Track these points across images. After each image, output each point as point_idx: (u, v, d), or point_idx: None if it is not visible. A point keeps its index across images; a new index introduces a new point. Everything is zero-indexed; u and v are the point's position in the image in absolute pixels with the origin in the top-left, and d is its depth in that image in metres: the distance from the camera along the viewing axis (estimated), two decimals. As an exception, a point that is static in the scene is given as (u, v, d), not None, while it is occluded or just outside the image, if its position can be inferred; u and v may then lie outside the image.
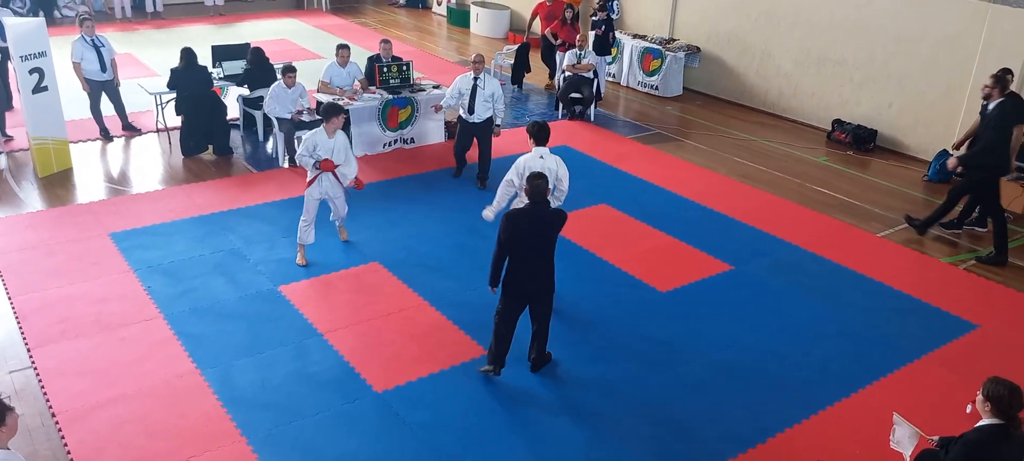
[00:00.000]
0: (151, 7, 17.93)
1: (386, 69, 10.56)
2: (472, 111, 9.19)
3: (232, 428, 5.41)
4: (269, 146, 10.55)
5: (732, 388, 6.11)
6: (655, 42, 14.08)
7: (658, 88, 13.95)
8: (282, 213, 8.49)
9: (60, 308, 6.67)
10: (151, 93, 10.59)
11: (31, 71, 8.94)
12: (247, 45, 11.20)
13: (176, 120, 10.34)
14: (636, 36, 14.52)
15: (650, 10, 14.91)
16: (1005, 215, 8.54)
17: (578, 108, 12.25)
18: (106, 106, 10.50)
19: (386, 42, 10.68)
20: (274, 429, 5.42)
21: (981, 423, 4.16)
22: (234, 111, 10.90)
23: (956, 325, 7.09)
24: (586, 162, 10.46)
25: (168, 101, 10.62)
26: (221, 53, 11.08)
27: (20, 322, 6.47)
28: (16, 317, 6.55)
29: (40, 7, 15.51)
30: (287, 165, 9.88)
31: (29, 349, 6.14)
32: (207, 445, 5.24)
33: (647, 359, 6.39)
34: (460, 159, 9.71)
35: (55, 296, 6.84)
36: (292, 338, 6.43)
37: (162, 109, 10.72)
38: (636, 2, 15.20)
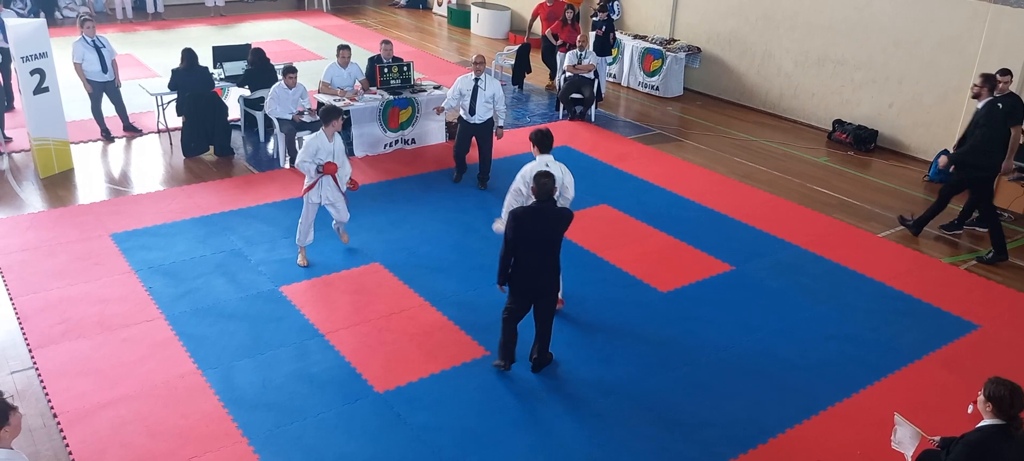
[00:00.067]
0: (152, 8, 17.97)
1: (387, 70, 10.57)
2: (473, 112, 9.20)
3: (233, 428, 5.41)
4: (270, 147, 10.55)
5: (733, 388, 6.11)
6: (656, 43, 14.08)
7: (659, 88, 13.96)
8: (283, 214, 8.50)
9: (61, 309, 6.68)
10: (152, 94, 10.61)
11: (32, 72, 8.95)
12: (248, 46, 11.21)
13: (177, 121, 10.36)
14: (637, 37, 14.53)
15: (651, 11, 14.92)
16: (1001, 214, 8.54)
17: (579, 108, 12.25)
18: (107, 107, 10.52)
19: (387, 43, 10.69)
20: (275, 429, 5.43)
21: (982, 423, 4.17)
22: (235, 112, 10.91)
23: (957, 325, 7.09)
24: (587, 162, 10.46)
25: (169, 102, 10.64)
26: (222, 54, 11.09)
27: (21, 323, 6.48)
28: (18, 318, 6.55)
29: (41, 8, 15.56)
30: (288, 166, 9.88)
31: (31, 350, 6.15)
32: (208, 445, 5.24)
33: (647, 359, 6.40)
34: (460, 162, 9.65)
35: (56, 297, 6.85)
36: (293, 338, 6.44)
37: (163, 110, 10.74)
38: (637, 3, 15.21)
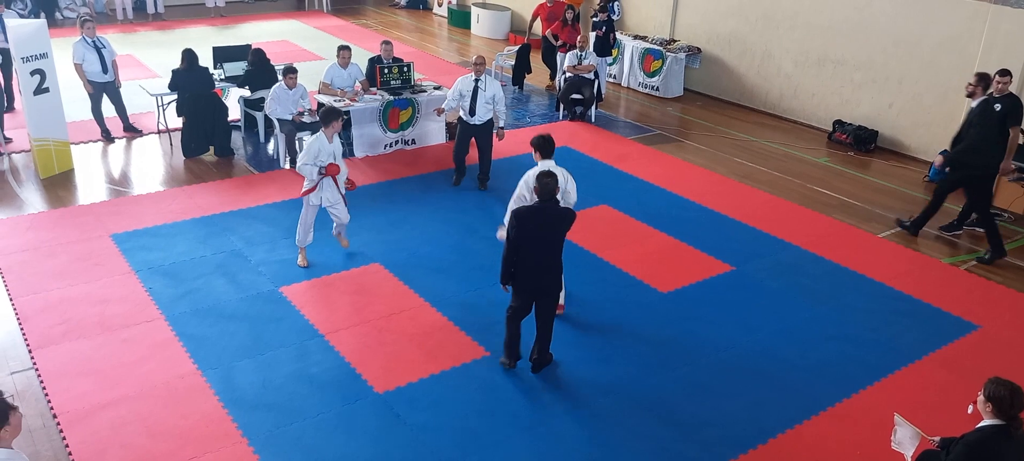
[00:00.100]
0: (152, 8, 17.97)
1: (387, 70, 10.58)
2: (473, 113, 9.19)
3: (233, 429, 5.41)
4: (270, 147, 10.55)
5: (733, 388, 6.11)
6: (656, 43, 14.08)
7: (659, 89, 13.96)
8: (283, 214, 8.50)
9: (61, 309, 6.68)
10: (152, 94, 10.61)
11: (33, 73, 8.96)
12: (248, 46, 11.22)
13: (177, 121, 10.36)
14: (637, 37, 14.53)
15: (651, 11, 14.92)
16: (1000, 214, 8.54)
17: (579, 109, 12.25)
18: (107, 107, 10.52)
19: (387, 43, 10.69)
20: (275, 430, 5.43)
21: (982, 424, 4.17)
22: (235, 112, 10.91)
23: (957, 326, 7.09)
24: (587, 163, 10.46)
25: (169, 102, 10.64)
26: (222, 54, 11.10)
27: (21, 323, 6.49)
28: (18, 318, 6.56)
29: (41, 9, 15.57)
30: (288, 166, 9.88)
31: (30, 350, 6.15)
32: (208, 446, 5.24)
33: (647, 360, 6.40)
34: (459, 165, 9.54)
35: (56, 297, 6.85)
36: (293, 339, 6.44)
37: (163, 110, 10.74)
38: (637, 3, 15.21)
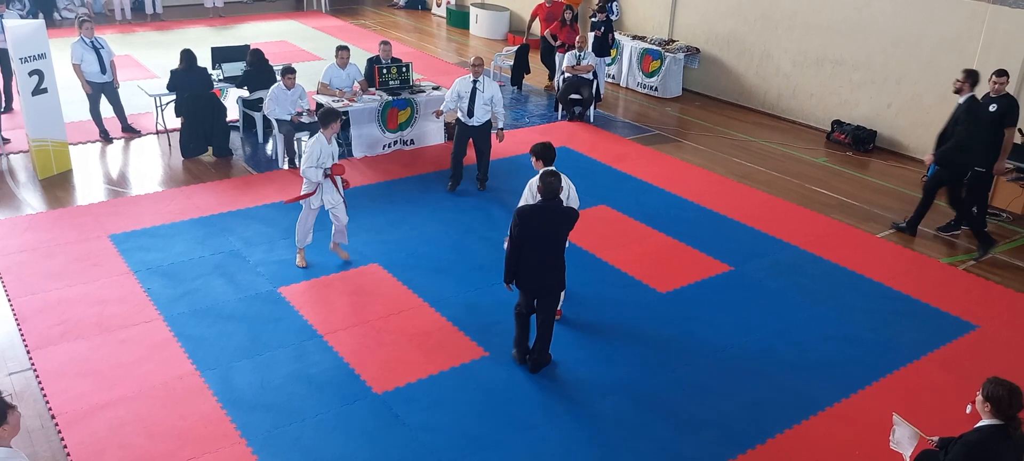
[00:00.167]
0: (151, 9, 17.96)
1: (386, 70, 10.57)
2: (471, 114, 9.17)
3: (232, 429, 5.41)
4: (269, 148, 10.55)
5: (732, 388, 6.11)
6: (654, 43, 14.09)
7: (657, 89, 13.96)
8: (282, 215, 8.49)
9: (60, 310, 6.67)
10: (151, 95, 10.60)
11: (31, 73, 8.95)
12: (247, 47, 11.21)
13: (176, 122, 10.36)
14: (635, 37, 14.53)
15: (649, 11, 14.92)
16: (999, 213, 8.58)
17: (577, 109, 12.25)
18: (105, 108, 10.51)
19: (385, 43, 10.69)
20: (274, 430, 5.43)
21: (981, 423, 4.17)
22: (234, 113, 10.90)
23: (955, 326, 7.09)
24: (586, 163, 10.46)
25: (168, 103, 10.63)
26: (221, 55, 11.09)
27: (20, 324, 6.48)
28: (16, 319, 6.55)
29: (40, 9, 15.55)
30: (287, 167, 9.88)
31: (29, 351, 6.14)
32: (207, 446, 5.24)
33: (646, 360, 6.40)
34: (456, 170, 9.38)
35: (55, 298, 6.84)
36: (292, 339, 6.43)
37: (162, 111, 10.73)
38: (635, 3, 15.21)
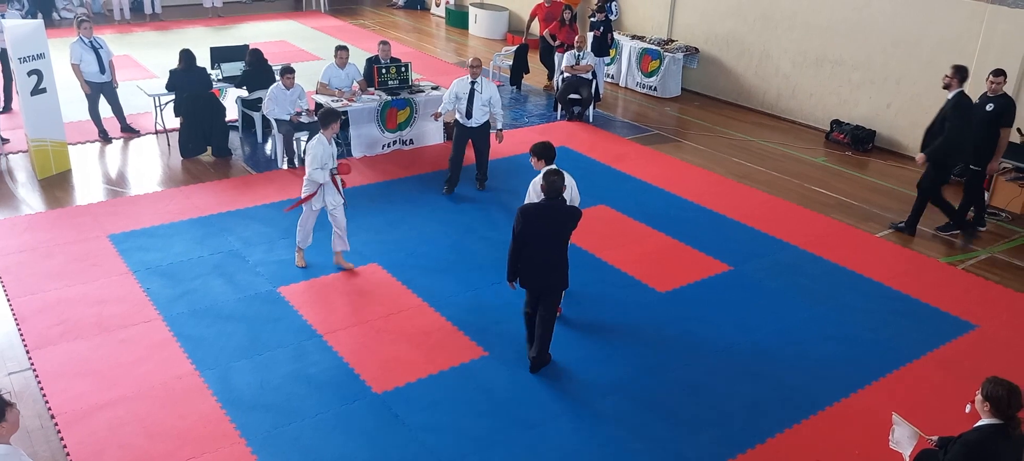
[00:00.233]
0: (150, 9, 17.95)
1: (385, 70, 10.57)
2: (470, 116, 9.15)
3: (231, 429, 5.41)
4: (268, 147, 10.54)
5: (731, 388, 6.11)
6: (653, 43, 14.09)
7: (656, 89, 13.96)
8: (281, 215, 8.48)
9: (59, 310, 6.67)
10: (150, 95, 10.59)
11: (30, 73, 8.94)
12: (246, 47, 11.20)
13: (175, 122, 10.35)
14: (634, 37, 14.53)
15: (648, 11, 14.92)
16: (997, 213, 8.76)
17: (577, 109, 12.25)
18: (104, 108, 10.51)
19: (384, 43, 10.69)
20: (273, 430, 5.42)
21: (980, 423, 4.17)
22: (233, 113, 10.90)
23: (955, 325, 7.09)
24: (585, 163, 10.46)
25: (167, 103, 10.63)
26: (220, 55, 11.08)
27: (19, 324, 6.47)
28: (15, 319, 6.54)
29: (38, 9, 15.53)
30: (286, 166, 9.88)
31: (28, 351, 6.14)
32: (206, 446, 5.24)
33: (646, 360, 6.40)
34: (454, 172, 9.25)
35: (54, 298, 6.84)
36: (291, 339, 6.43)
37: (161, 111, 10.73)
38: (635, 3, 15.21)
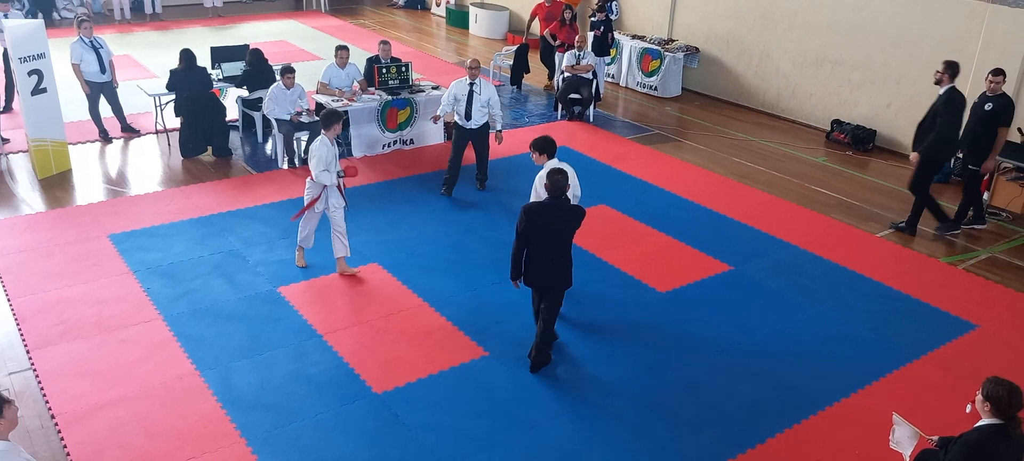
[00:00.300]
0: (150, 8, 17.96)
1: (385, 70, 10.57)
2: (469, 117, 9.12)
3: (231, 429, 5.41)
4: (268, 147, 10.54)
5: (731, 388, 6.11)
6: (654, 43, 14.08)
7: (657, 89, 13.95)
8: (281, 215, 8.49)
9: (59, 310, 6.67)
10: (150, 94, 10.59)
11: (30, 73, 8.94)
12: (246, 46, 11.20)
13: (175, 121, 10.36)
14: (635, 37, 14.53)
15: (649, 11, 14.92)
16: (998, 213, 8.82)
17: (577, 109, 12.25)
18: (104, 108, 10.51)
19: (385, 43, 10.69)
20: (273, 430, 5.42)
21: (980, 423, 4.17)
22: (233, 112, 10.90)
23: (955, 325, 7.09)
24: (585, 163, 10.45)
25: (167, 102, 10.63)
26: (220, 54, 11.08)
27: (19, 324, 6.47)
28: (15, 319, 6.54)
29: (39, 9, 15.55)
30: (286, 166, 9.88)
31: (28, 351, 6.14)
32: (206, 446, 5.24)
33: (646, 359, 6.40)
34: (453, 175, 9.18)
35: (54, 298, 6.84)
36: (291, 339, 6.43)
37: (161, 110, 10.73)
38: (635, 3, 15.21)
